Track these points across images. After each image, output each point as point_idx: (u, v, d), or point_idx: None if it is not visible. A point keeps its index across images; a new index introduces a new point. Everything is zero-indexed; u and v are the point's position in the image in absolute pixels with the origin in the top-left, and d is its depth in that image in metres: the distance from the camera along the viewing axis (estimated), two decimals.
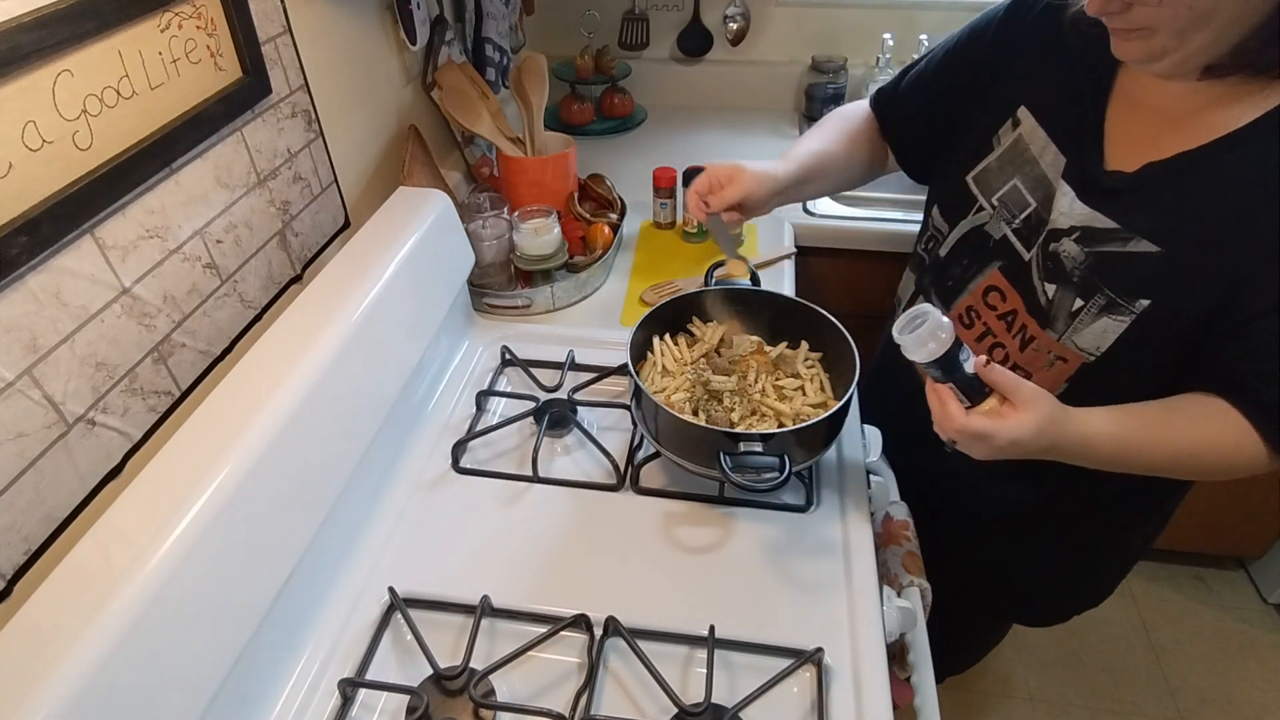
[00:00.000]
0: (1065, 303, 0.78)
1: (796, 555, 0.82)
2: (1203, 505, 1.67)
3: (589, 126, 1.75)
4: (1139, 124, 0.73)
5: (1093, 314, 0.76)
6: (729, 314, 0.99)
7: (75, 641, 0.52)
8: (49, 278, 0.62)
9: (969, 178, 0.86)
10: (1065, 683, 1.66)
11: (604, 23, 1.77)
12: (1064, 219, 0.77)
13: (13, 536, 0.60)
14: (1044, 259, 0.79)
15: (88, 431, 0.66)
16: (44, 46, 0.58)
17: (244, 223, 0.85)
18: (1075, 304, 0.77)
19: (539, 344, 1.09)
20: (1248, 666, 1.69)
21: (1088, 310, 0.76)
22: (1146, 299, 0.72)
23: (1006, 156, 0.83)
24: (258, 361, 0.75)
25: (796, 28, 1.75)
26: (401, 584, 0.78)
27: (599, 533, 0.85)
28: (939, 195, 0.93)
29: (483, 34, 1.39)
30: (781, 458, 0.76)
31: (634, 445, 0.94)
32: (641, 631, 0.73)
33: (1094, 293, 0.75)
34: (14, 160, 0.57)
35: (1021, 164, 0.81)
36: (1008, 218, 0.83)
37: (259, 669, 0.69)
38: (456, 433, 0.96)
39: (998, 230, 0.84)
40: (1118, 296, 0.73)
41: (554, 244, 1.16)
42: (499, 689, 0.70)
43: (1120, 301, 0.73)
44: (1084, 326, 0.77)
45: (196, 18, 0.74)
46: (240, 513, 0.64)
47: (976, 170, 0.86)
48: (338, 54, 1.02)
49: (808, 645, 0.72)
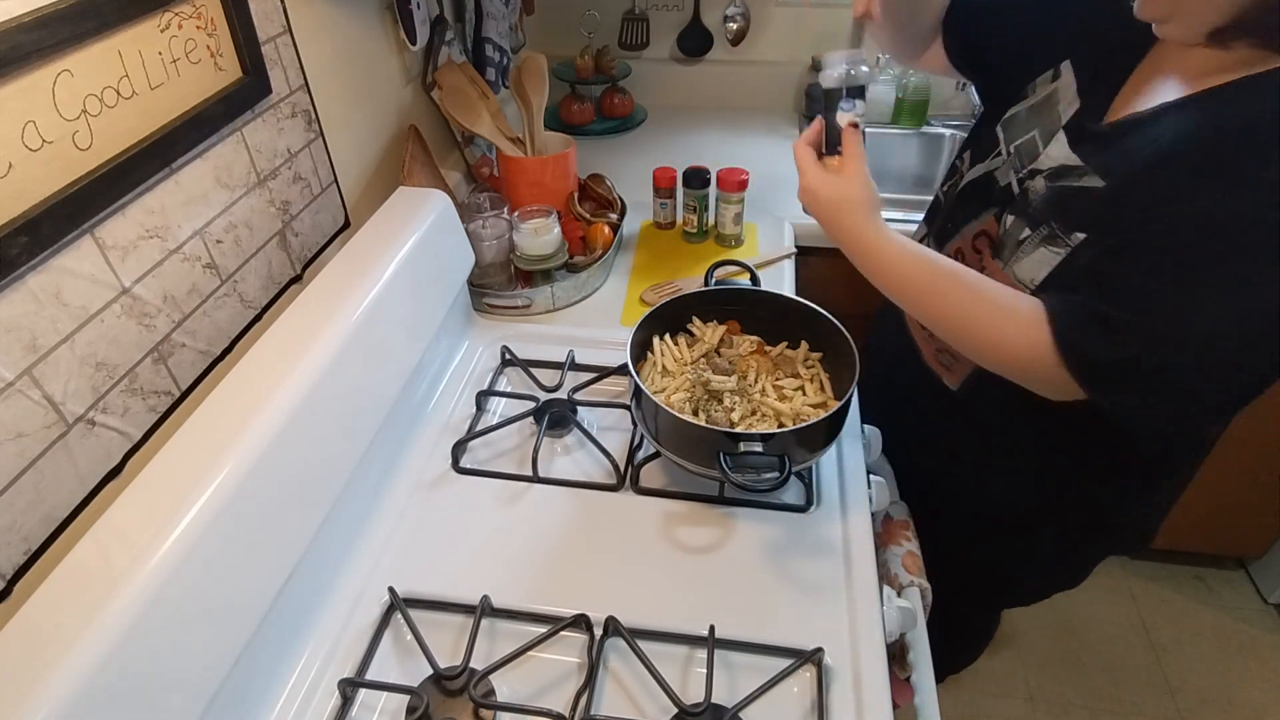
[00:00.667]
0: (1016, 231, 0.80)
1: (796, 555, 0.82)
2: (1203, 505, 1.67)
3: (589, 126, 1.75)
4: (1152, 86, 0.74)
5: (1034, 243, 0.77)
6: (729, 314, 0.99)
7: (75, 641, 0.52)
8: (49, 278, 0.62)
9: (999, 124, 0.87)
10: (1065, 683, 1.66)
11: (604, 23, 1.77)
12: (1047, 160, 0.79)
13: (13, 536, 0.60)
14: (1019, 194, 0.81)
15: (88, 431, 0.66)
16: (44, 46, 0.58)
17: (244, 223, 0.85)
18: (1024, 233, 0.79)
19: (539, 344, 1.09)
20: (1248, 666, 1.69)
21: (1031, 240, 0.77)
22: (1083, 233, 0.73)
23: (1037, 107, 0.83)
24: (258, 361, 0.75)
25: (796, 28, 1.75)
26: (401, 584, 0.78)
27: (599, 533, 0.85)
28: (973, 138, 0.93)
29: (483, 34, 1.39)
30: (781, 458, 0.76)
31: (634, 445, 0.94)
32: (641, 631, 0.73)
33: (1041, 223, 0.77)
34: (14, 160, 0.57)
35: (1046, 116, 0.81)
36: (1017, 165, 0.83)
37: (259, 669, 0.69)
38: (456, 433, 0.96)
39: (1005, 177, 0.84)
40: (1059, 228, 0.75)
41: (554, 244, 1.16)
42: (499, 689, 0.70)
43: (1059, 234, 0.75)
44: (1025, 256, 0.78)
45: (196, 18, 0.74)
46: (240, 513, 0.64)
47: (1006, 116, 0.86)
48: (338, 54, 1.03)
49: (808, 645, 0.72)
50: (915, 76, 1.67)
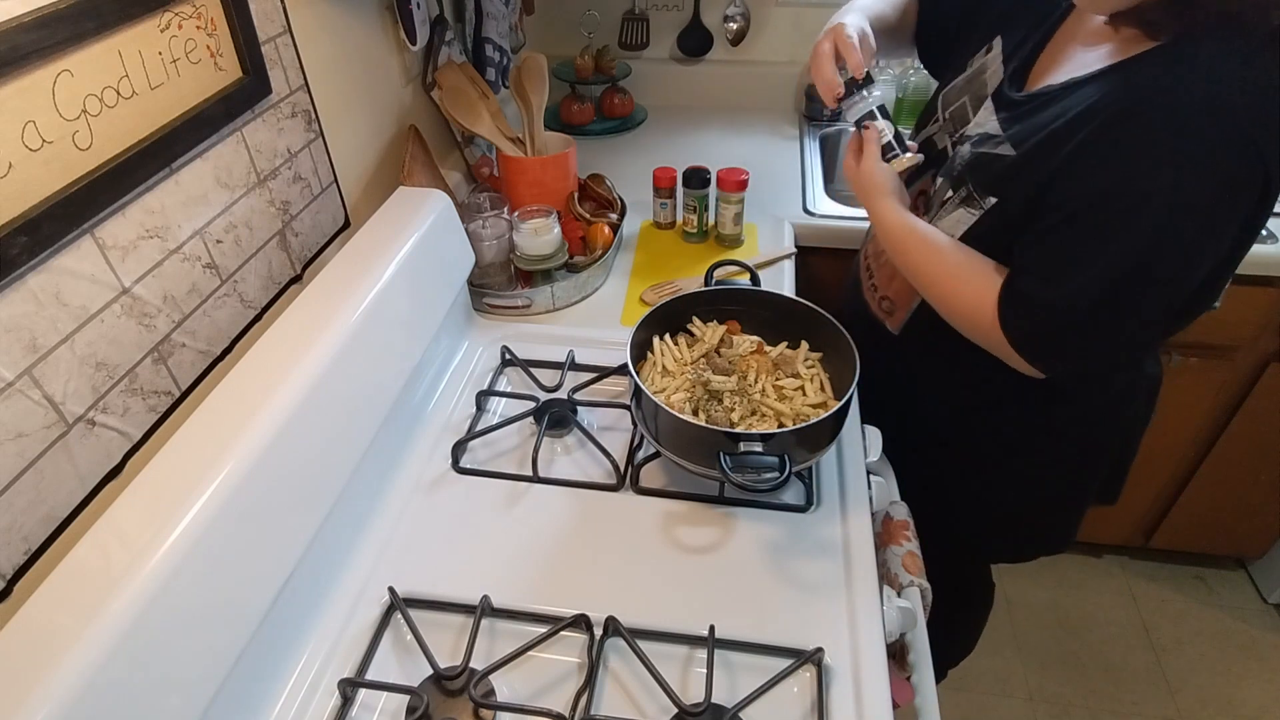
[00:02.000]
0: (942, 191, 0.89)
1: (796, 555, 0.82)
2: (1203, 505, 1.67)
3: (589, 126, 1.75)
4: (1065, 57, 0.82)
5: (955, 204, 0.86)
6: (729, 314, 0.99)
7: (75, 641, 0.52)
8: (49, 278, 0.62)
9: (940, 94, 0.97)
10: (1065, 683, 1.66)
11: (604, 23, 1.77)
12: (975, 127, 0.87)
13: (13, 536, 0.60)
14: (950, 158, 0.90)
15: (88, 431, 0.66)
16: (44, 46, 0.58)
17: (244, 223, 0.85)
18: (947, 194, 0.88)
19: (539, 344, 1.09)
20: (1248, 666, 1.69)
21: (952, 200, 0.86)
22: (994, 197, 0.81)
23: (970, 78, 0.91)
24: (258, 361, 0.75)
25: (796, 28, 1.75)
26: (401, 584, 0.78)
27: (599, 533, 0.85)
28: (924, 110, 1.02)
29: (483, 34, 1.39)
30: (781, 458, 0.76)
31: (634, 445, 0.94)
32: (641, 631, 0.73)
33: (961, 185, 0.85)
34: (14, 160, 0.57)
35: (976, 86, 0.90)
36: (950, 130, 0.92)
37: (259, 669, 0.69)
38: (456, 433, 0.96)
39: (941, 141, 0.94)
40: (974, 191, 0.83)
41: (554, 244, 1.16)
42: (499, 689, 0.70)
43: (975, 196, 0.83)
44: (946, 215, 0.87)
45: (196, 18, 0.74)
46: (240, 513, 0.64)
47: (947, 88, 0.95)
48: (338, 54, 1.02)
49: (808, 645, 0.72)
50: (915, 76, 1.67)
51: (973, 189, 0.83)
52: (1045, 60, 0.84)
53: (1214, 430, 1.55)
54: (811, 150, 1.65)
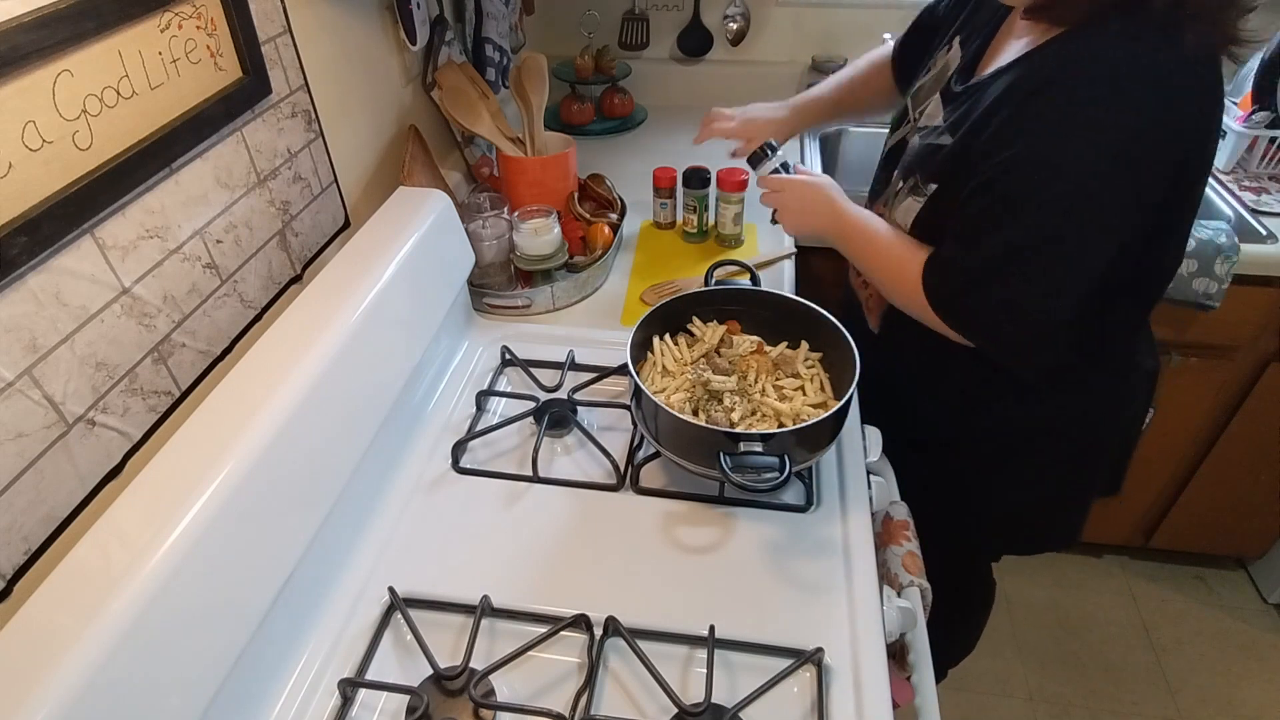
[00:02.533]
0: (896, 182, 0.93)
1: (796, 555, 0.82)
2: (1203, 505, 1.67)
3: (589, 126, 1.75)
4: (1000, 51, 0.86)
5: (904, 194, 0.90)
6: (729, 314, 0.99)
7: (75, 641, 0.52)
8: (49, 278, 0.62)
9: (910, 94, 1.00)
10: (1065, 683, 1.66)
11: (604, 23, 1.77)
12: (927, 120, 0.92)
13: (13, 536, 0.60)
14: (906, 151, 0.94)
15: (88, 431, 0.66)
16: (44, 46, 0.58)
17: (244, 223, 0.85)
18: (899, 184, 0.92)
19: (539, 344, 1.09)
20: (1248, 666, 1.69)
21: (903, 190, 0.91)
22: (935, 184, 0.85)
23: (936, 76, 0.95)
24: (258, 361, 0.75)
25: (796, 28, 1.75)
26: (401, 584, 0.78)
27: (599, 533, 0.85)
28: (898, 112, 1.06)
29: (483, 34, 1.39)
30: (781, 458, 0.76)
31: (634, 445, 0.94)
32: (641, 631, 0.73)
33: (910, 175, 0.90)
34: (14, 160, 0.57)
35: (940, 83, 0.93)
36: (921, 130, 0.93)
37: (259, 669, 0.69)
38: (456, 433, 0.96)
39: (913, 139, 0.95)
40: (920, 180, 0.88)
41: (554, 244, 1.16)
42: (499, 689, 0.70)
43: (920, 185, 0.87)
44: (898, 204, 0.91)
45: (196, 18, 0.74)
46: (240, 513, 0.64)
47: (914, 88, 0.99)
48: (338, 54, 1.02)
49: (808, 645, 0.72)
50: None
51: (919, 178, 0.88)
52: (987, 56, 0.89)
53: (1214, 430, 1.55)
54: (811, 150, 1.65)
